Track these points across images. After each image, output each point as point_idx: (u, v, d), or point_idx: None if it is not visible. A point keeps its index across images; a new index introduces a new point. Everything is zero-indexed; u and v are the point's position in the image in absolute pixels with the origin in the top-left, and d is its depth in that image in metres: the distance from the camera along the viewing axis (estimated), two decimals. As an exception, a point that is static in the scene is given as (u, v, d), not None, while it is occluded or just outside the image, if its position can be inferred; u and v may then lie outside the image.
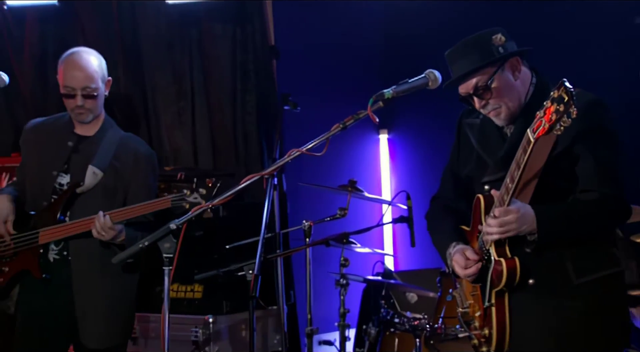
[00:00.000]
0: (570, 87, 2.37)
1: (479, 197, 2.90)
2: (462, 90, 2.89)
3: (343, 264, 4.74)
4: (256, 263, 3.04)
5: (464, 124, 3.11)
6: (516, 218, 2.65)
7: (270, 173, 2.88)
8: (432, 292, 4.95)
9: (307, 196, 5.76)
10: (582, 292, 2.75)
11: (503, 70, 2.82)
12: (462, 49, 2.85)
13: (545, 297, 2.77)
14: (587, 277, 2.75)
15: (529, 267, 2.75)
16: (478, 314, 2.91)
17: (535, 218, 2.67)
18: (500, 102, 2.83)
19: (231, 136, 5.64)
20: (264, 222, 3.17)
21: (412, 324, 4.50)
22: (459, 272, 2.91)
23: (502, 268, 2.72)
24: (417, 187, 6.25)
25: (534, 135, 2.50)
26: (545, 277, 2.77)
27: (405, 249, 6.66)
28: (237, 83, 5.64)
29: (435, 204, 3.26)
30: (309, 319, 4.48)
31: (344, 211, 4.45)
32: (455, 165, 3.17)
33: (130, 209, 3.62)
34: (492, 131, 2.97)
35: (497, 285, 2.76)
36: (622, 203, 2.75)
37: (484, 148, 2.98)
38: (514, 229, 2.68)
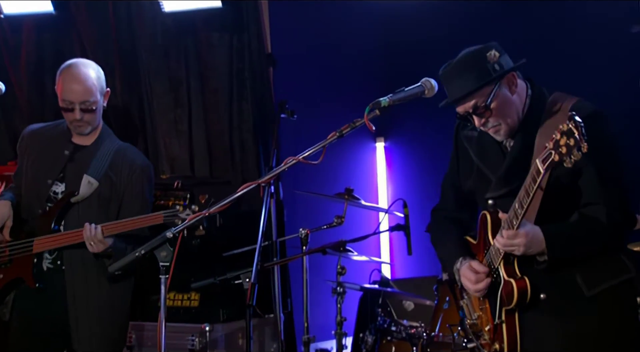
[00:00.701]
0: (580, 121, 2.38)
1: (485, 213, 2.91)
2: (460, 110, 2.89)
3: (340, 272, 4.74)
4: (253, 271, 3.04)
5: (462, 136, 3.12)
6: (524, 242, 2.68)
7: (267, 181, 2.89)
8: (429, 300, 4.95)
9: (303, 204, 5.76)
10: (594, 304, 2.76)
11: (500, 87, 2.81)
12: (457, 69, 2.83)
13: (558, 312, 2.79)
14: (598, 288, 2.76)
15: (539, 284, 2.76)
16: (488, 328, 2.93)
17: (545, 240, 2.68)
18: (499, 120, 2.84)
19: (227, 144, 5.64)
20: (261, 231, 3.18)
21: (409, 332, 4.51)
22: (469, 287, 2.93)
23: (512, 289, 2.75)
24: (413, 195, 6.26)
25: (543, 167, 2.50)
26: (556, 292, 2.78)
27: (402, 257, 6.66)
28: (234, 91, 5.65)
29: (436, 215, 3.27)
30: (306, 327, 4.48)
31: (341, 219, 4.46)
32: (456, 177, 3.17)
33: (122, 223, 3.63)
34: (491, 145, 2.97)
35: (508, 305, 2.78)
36: (628, 214, 2.77)
37: (484, 162, 2.99)
38: (522, 251, 2.71)
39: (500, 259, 2.79)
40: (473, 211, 3.19)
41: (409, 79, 2.87)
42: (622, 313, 2.81)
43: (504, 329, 2.82)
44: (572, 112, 2.42)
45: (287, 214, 5.48)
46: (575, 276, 2.76)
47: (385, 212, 5.27)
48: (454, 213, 3.19)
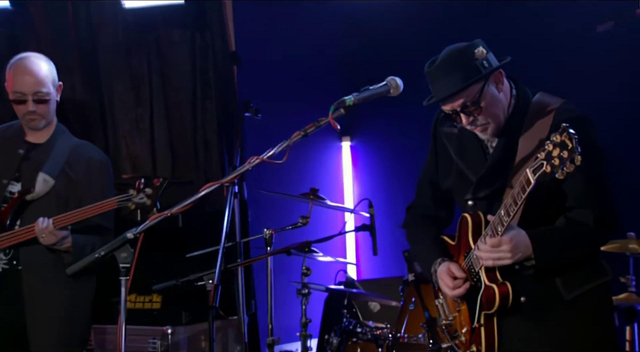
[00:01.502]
0: (574, 133, 2.37)
1: (465, 216, 2.91)
2: (447, 108, 2.85)
3: (305, 273, 4.74)
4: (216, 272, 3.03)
5: (441, 133, 3.08)
6: (510, 248, 2.66)
7: (231, 181, 2.87)
8: (394, 301, 4.98)
9: (268, 204, 5.75)
10: (573, 308, 2.78)
11: (488, 85, 2.80)
12: (443, 67, 2.79)
13: (537, 315, 2.80)
14: (577, 291, 2.78)
15: (519, 287, 2.77)
16: (465, 330, 2.93)
17: (532, 245, 2.68)
18: (488, 118, 2.82)
19: (191, 143, 5.62)
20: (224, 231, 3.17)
21: (374, 334, 4.52)
22: (447, 292, 2.92)
23: (494, 294, 2.75)
24: (379, 195, 6.30)
25: (534, 178, 2.49)
26: (536, 295, 2.79)
27: (367, 258, 6.69)
28: (197, 89, 5.63)
29: (412, 213, 3.25)
30: (270, 329, 4.47)
31: (306, 219, 4.46)
32: (434, 175, 3.15)
33: (74, 213, 3.60)
34: (471, 143, 2.96)
35: (489, 310, 2.79)
36: (614, 218, 2.78)
37: (464, 162, 2.97)
38: (509, 258, 2.68)
39: (482, 265, 2.79)
40: (450, 209, 3.18)
41: (375, 77, 2.87)
42: (600, 316, 2.83)
43: (482, 333, 2.83)
44: (566, 125, 2.40)
45: (251, 214, 5.48)
46: (554, 279, 2.78)
47: (350, 212, 5.29)
48: (431, 211, 3.18)
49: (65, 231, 3.63)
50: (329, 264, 5.79)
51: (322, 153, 6.78)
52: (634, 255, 4.50)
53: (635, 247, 4.45)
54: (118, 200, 3.55)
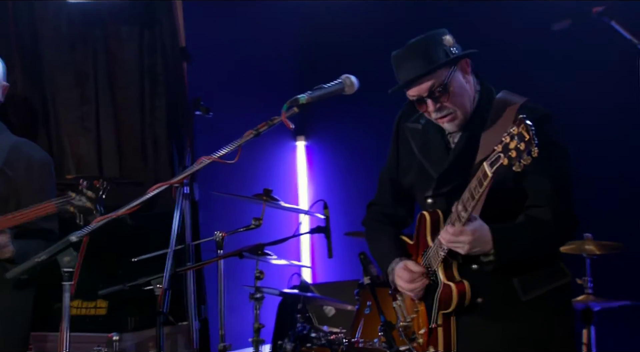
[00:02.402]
0: (530, 125, 2.39)
1: (423, 214, 2.92)
2: (413, 93, 2.85)
3: (258, 276, 4.73)
4: (165, 277, 3.01)
5: (405, 128, 3.09)
6: (470, 240, 2.67)
7: (180, 181, 2.86)
8: (350, 305, 4.99)
9: (220, 206, 5.73)
10: (530, 309, 2.81)
11: (456, 72, 2.82)
12: (411, 51, 2.81)
13: (493, 316, 2.82)
14: (535, 293, 2.81)
15: (476, 287, 2.80)
16: (423, 332, 2.94)
17: (492, 240, 2.69)
18: (455, 107, 2.82)
19: (139, 143, 5.57)
20: (174, 233, 3.15)
21: (329, 339, 4.53)
22: (403, 286, 2.93)
23: (451, 292, 2.77)
24: (335, 196, 6.32)
25: (491, 171, 2.50)
26: (493, 296, 2.82)
27: (322, 261, 6.70)
28: (145, 87, 5.59)
29: (372, 210, 3.25)
30: (222, 335, 4.45)
31: (259, 221, 4.44)
32: (395, 171, 3.15)
33: (10, 217, 3.53)
34: (435, 139, 2.96)
35: (445, 309, 2.81)
36: (574, 219, 2.81)
37: (426, 157, 2.98)
38: (466, 249, 2.69)
39: (440, 262, 2.81)
40: (410, 208, 3.19)
41: (330, 76, 2.88)
42: (558, 318, 2.86)
43: (440, 333, 2.85)
44: (523, 115, 2.42)
45: (202, 216, 5.45)
46: (512, 280, 2.81)
47: (305, 214, 5.29)
48: (391, 208, 3.18)
49: (5, 237, 3.55)
50: (283, 268, 5.78)
51: (276, 153, 6.78)
52: (590, 256, 4.58)
53: (591, 248, 4.53)
54: (57, 203, 3.49)
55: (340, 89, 2.80)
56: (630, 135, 5.01)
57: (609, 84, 5.06)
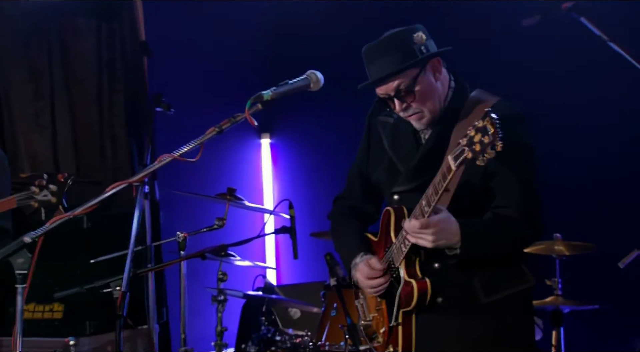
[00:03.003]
0: (495, 118, 2.42)
1: (388, 210, 2.94)
2: (381, 92, 2.88)
3: (221, 278, 4.72)
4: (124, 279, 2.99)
5: (377, 122, 3.12)
6: (435, 231, 2.68)
7: (140, 180, 2.84)
8: (315, 307, 5.01)
9: (181, 205, 5.71)
10: (490, 311, 2.84)
11: (425, 71, 2.84)
12: (381, 48, 2.84)
13: (454, 317, 2.86)
14: (496, 295, 2.84)
15: (437, 287, 2.82)
16: (383, 330, 2.97)
17: (460, 231, 2.71)
18: (422, 107, 2.85)
19: (97, 140, 5.54)
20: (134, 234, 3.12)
21: (294, 342, 4.55)
22: (364, 283, 2.95)
23: (412, 290, 2.79)
24: (301, 195, 6.33)
25: (455, 164, 2.54)
26: (454, 296, 2.84)
27: (288, 262, 6.71)
28: (104, 82, 5.55)
29: (339, 204, 3.27)
30: (183, 339, 4.44)
31: (222, 221, 4.44)
32: (364, 166, 3.17)
33: None
34: (406, 134, 2.99)
35: (406, 307, 2.83)
36: (540, 221, 2.84)
37: (396, 153, 3.01)
38: (430, 241, 2.70)
39: (402, 258, 2.83)
40: (378, 205, 3.21)
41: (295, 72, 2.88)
42: (518, 322, 2.90)
43: (400, 332, 2.88)
44: (489, 109, 2.45)
45: (163, 216, 5.43)
46: (473, 281, 2.84)
47: (270, 214, 5.29)
48: (359, 203, 3.20)
49: None
50: (247, 269, 5.78)
51: (240, 151, 6.77)
52: (560, 257, 4.64)
53: (561, 249, 4.59)
54: (18, 198, 3.45)
55: (306, 85, 2.81)
56: (601, 133, 5.09)
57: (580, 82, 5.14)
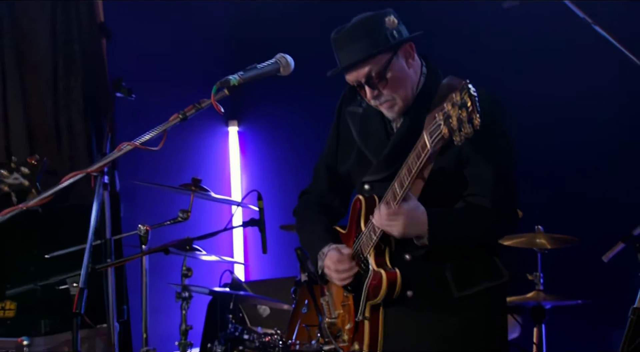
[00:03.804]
0: (474, 91, 2.41)
1: (359, 198, 2.95)
2: (351, 78, 2.90)
3: (185, 274, 4.71)
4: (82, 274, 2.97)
5: (346, 112, 3.13)
6: (403, 220, 2.71)
7: (99, 170, 2.83)
8: (286, 304, 5.01)
9: (143, 197, 5.69)
10: (462, 307, 2.86)
11: (397, 58, 2.85)
12: (351, 33, 2.84)
13: (424, 311, 2.87)
14: (468, 290, 2.86)
15: (407, 280, 2.83)
16: (348, 327, 2.98)
17: (428, 222, 2.73)
18: (394, 94, 2.87)
19: (52, 128, 5.50)
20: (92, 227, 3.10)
21: (263, 341, 4.55)
22: (331, 268, 2.95)
23: (381, 280, 2.80)
24: (270, 186, 6.33)
25: (432, 142, 2.54)
26: (425, 290, 2.86)
27: (256, 257, 6.71)
28: (59, 66, 5.51)
29: (305, 199, 3.29)
30: (145, 339, 4.43)
31: (187, 213, 4.43)
32: (333, 158, 3.19)
33: None
34: (375, 123, 3.00)
35: (374, 298, 2.84)
36: (514, 212, 2.87)
37: (366, 143, 3.02)
38: (400, 230, 2.73)
39: (371, 248, 2.84)
40: (346, 198, 3.22)
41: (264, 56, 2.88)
42: (490, 318, 2.92)
43: (366, 327, 2.89)
44: (466, 81, 2.45)
45: (123, 208, 5.40)
46: (445, 274, 2.86)
47: (237, 206, 5.29)
48: (325, 198, 3.22)
49: None
50: (213, 264, 5.77)
51: (206, 139, 6.76)
52: (541, 250, 4.67)
53: (542, 242, 4.63)
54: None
55: (275, 69, 2.81)
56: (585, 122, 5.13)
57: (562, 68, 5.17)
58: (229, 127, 6.92)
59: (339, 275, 2.95)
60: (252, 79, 2.76)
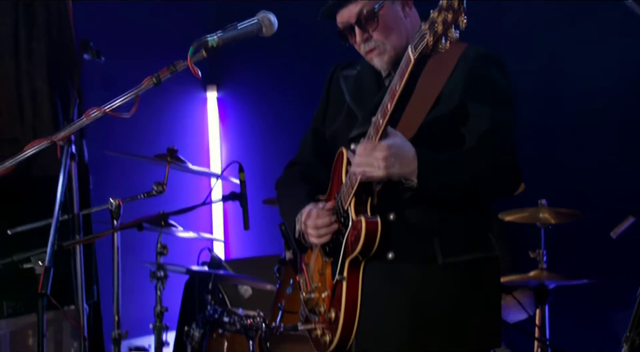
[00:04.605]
0: None
1: (342, 150, 2.95)
2: (341, 20, 2.93)
3: (160, 252, 4.73)
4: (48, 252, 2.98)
5: (339, 77, 3.16)
6: (384, 156, 2.67)
7: (65, 138, 2.84)
8: (269, 283, 5.03)
9: (114, 168, 5.69)
10: (447, 275, 2.85)
11: (392, 2, 2.90)
12: None
13: (405, 277, 2.86)
14: (455, 258, 2.86)
15: (391, 237, 2.82)
16: (325, 295, 2.98)
17: (417, 158, 2.70)
18: (384, 39, 2.89)
19: (14, 94, 5.46)
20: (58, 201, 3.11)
21: (244, 324, 4.56)
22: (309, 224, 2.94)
23: (360, 228, 2.78)
24: (252, 157, 6.34)
25: (415, 53, 2.54)
26: (407, 252, 2.85)
27: (237, 233, 6.73)
28: (20, 28, 5.46)
29: (288, 171, 3.30)
30: (117, 321, 4.44)
31: (162, 186, 4.42)
32: (321, 124, 3.20)
33: None
34: (369, 81, 3.03)
35: (353, 251, 2.83)
36: (515, 168, 2.85)
37: (355, 99, 3.04)
38: (381, 168, 2.69)
39: (352, 197, 2.82)
40: None
41: (244, 14, 2.87)
42: (478, 291, 2.91)
43: (344, 290, 2.87)
44: None
45: (93, 180, 5.38)
46: (432, 239, 2.85)
47: (217, 178, 5.29)
48: (312, 169, 3.21)
49: None
50: (191, 241, 5.79)
51: (183, 106, 6.76)
52: (545, 226, 4.69)
53: (546, 217, 4.65)
54: None
55: (257, 29, 2.81)
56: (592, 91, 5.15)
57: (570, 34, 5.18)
58: (207, 92, 6.90)
59: (317, 231, 2.94)
60: (232, 40, 2.76)
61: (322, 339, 2.98)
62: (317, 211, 2.94)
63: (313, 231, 2.96)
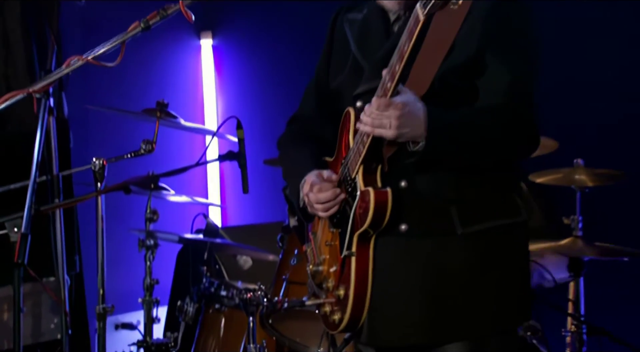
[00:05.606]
0: None
1: (349, 110, 2.94)
2: None
3: (150, 218, 4.73)
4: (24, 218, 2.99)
5: (343, 22, 3.14)
6: (398, 115, 2.66)
7: (43, 90, 2.83)
8: (271, 254, 5.04)
9: (98, 125, 5.70)
10: (469, 246, 2.84)
11: None
12: None
13: (420, 249, 2.85)
14: (475, 226, 2.84)
15: (403, 207, 2.82)
16: (334, 269, 2.98)
17: (427, 120, 2.69)
18: None
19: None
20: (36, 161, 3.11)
21: (244, 298, 4.57)
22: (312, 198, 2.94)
23: (369, 200, 2.77)
24: (252, 112, 6.34)
25: (424, 12, 2.53)
26: (422, 223, 2.85)
27: (236, 197, 6.74)
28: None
29: (291, 128, 3.30)
30: (101, 295, 4.46)
31: (151, 144, 4.43)
32: (324, 77, 3.19)
33: None
34: (376, 26, 3.01)
35: (362, 224, 2.82)
36: (534, 128, 2.84)
37: (361, 50, 3.02)
38: (393, 128, 2.68)
39: (360, 165, 2.82)
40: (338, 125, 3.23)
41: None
42: (503, 261, 2.89)
43: (353, 266, 2.87)
44: None
45: (74, 137, 5.39)
46: (449, 207, 2.84)
47: (212, 136, 5.28)
48: (316, 126, 3.21)
49: None
50: (184, 206, 5.80)
51: (174, 55, 6.76)
52: (581, 189, 4.67)
53: (583, 178, 4.62)
54: None
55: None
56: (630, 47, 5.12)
57: None
58: (201, 40, 6.89)
59: (322, 205, 2.95)
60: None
61: (331, 317, 2.98)
62: (319, 185, 2.93)
63: (318, 205, 2.95)
